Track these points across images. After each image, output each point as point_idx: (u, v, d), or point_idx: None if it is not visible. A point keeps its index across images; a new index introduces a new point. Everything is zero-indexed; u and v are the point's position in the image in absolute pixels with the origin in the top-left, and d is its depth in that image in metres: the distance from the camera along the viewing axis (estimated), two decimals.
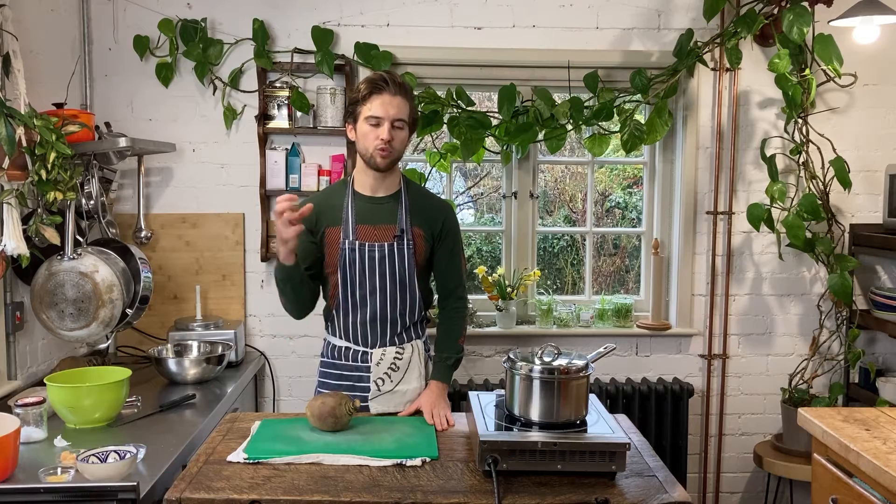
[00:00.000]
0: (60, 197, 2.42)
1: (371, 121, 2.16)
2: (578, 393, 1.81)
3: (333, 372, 2.33)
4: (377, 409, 2.26)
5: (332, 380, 2.33)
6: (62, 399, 2.18)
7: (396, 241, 2.24)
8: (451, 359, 2.30)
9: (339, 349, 2.32)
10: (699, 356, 3.46)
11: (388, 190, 2.28)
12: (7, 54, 2.39)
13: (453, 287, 2.37)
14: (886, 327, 3.18)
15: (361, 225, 2.24)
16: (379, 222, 2.25)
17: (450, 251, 2.34)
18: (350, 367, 2.30)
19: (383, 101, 2.16)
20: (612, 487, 1.69)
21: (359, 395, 2.25)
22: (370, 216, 2.25)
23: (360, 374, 2.29)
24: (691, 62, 3.18)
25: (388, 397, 2.28)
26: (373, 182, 2.26)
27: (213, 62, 3.20)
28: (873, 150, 3.39)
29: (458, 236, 2.38)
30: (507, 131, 3.18)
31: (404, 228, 2.25)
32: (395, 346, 2.29)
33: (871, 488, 1.79)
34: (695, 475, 3.50)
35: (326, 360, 2.36)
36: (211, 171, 3.29)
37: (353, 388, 2.27)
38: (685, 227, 3.38)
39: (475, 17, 3.27)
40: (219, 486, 1.66)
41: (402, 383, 2.28)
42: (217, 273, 3.31)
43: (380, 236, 2.24)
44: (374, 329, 2.27)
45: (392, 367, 2.28)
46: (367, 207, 2.26)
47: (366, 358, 2.28)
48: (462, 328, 2.36)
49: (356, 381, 2.29)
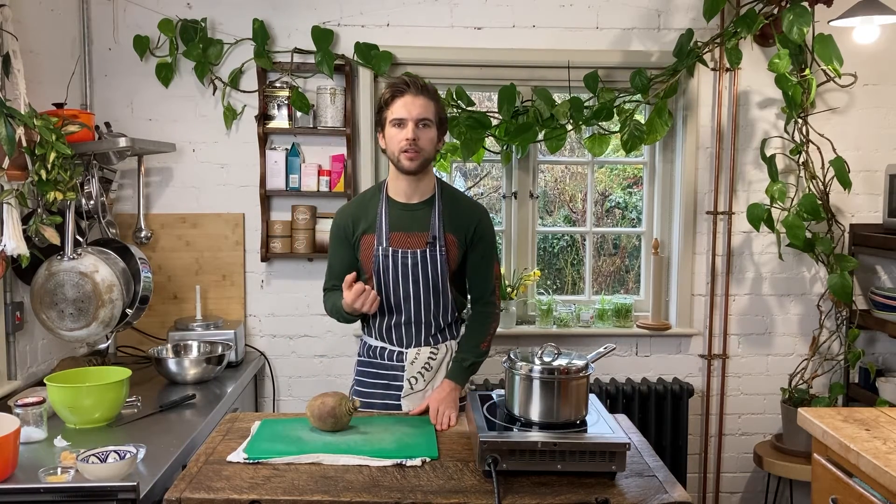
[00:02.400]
0: (60, 197, 2.42)
1: (395, 123, 2.17)
2: (578, 393, 1.81)
3: (371, 370, 2.35)
4: (408, 407, 2.28)
5: (370, 378, 2.35)
6: (62, 399, 2.18)
7: (429, 248, 2.24)
8: (467, 361, 2.29)
9: (376, 349, 2.34)
10: (699, 356, 3.46)
11: (422, 195, 2.27)
12: (7, 54, 2.39)
13: (483, 292, 2.35)
14: (886, 327, 3.18)
15: (395, 232, 2.25)
16: (412, 229, 2.26)
17: (481, 256, 2.32)
18: (386, 365, 2.33)
19: (405, 101, 2.16)
20: (612, 487, 1.69)
21: (393, 392, 2.29)
22: (403, 223, 2.26)
23: (396, 373, 2.31)
24: (691, 62, 3.18)
25: (419, 395, 2.29)
26: (406, 188, 2.26)
27: (213, 62, 3.20)
28: (873, 150, 3.39)
29: (491, 241, 2.35)
30: (507, 131, 3.18)
31: (436, 235, 2.25)
32: (430, 347, 2.31)
33: (871, 488, 1.79)
34: (695, 475, 3.50)
35: (364, 360, 2.38)
36: (211, 171, 3.29)
37: (388, 387, 2.31)
38: (685, 227, 3.38)
39: (475, 17, 3.27)
40: (219, 486, 1.66)
41: (433, 383, 2.31)
42: (217, 273, 3.31)
43: (413, 243, 2.25)
44: (409, 331, 2.30)
45: (426, 367, 2.30)
46: (401, 214, 2.27)
47: (401, 357, 2.31)
48: (486, 332, 2.33)
49: (391, 380, 2.32)
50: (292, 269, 3.34)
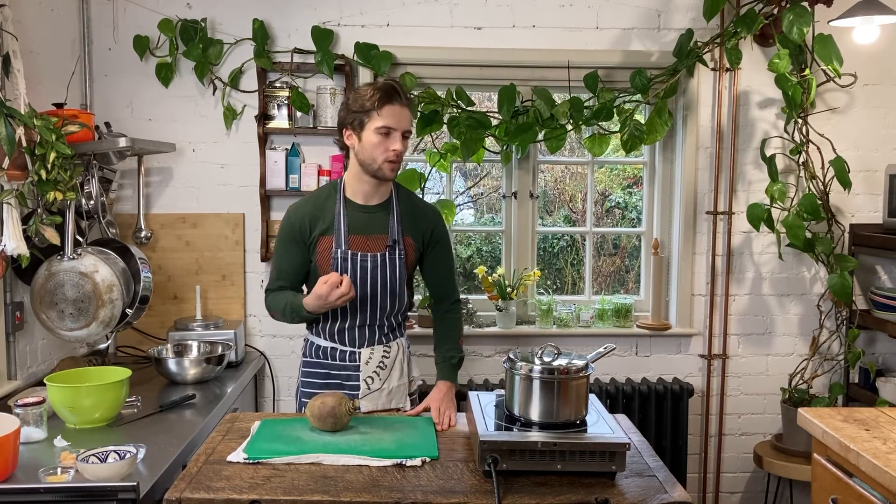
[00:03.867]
0: (60, 197, 2.41)
1: (382, 130, 2.13)
2: (578, 393, 1.81)
3: (319, 371, 2.32)
4: (367, 408, 2.26)
5: (318, 379, 2.31)
6: (62, 399, 2.17)
7: (388, 251, 2.24)
8: (454, 358, 2.32)
9: (325, 349, 2.31)
10: (699, 356, 3.46)
11: (381, 198, 2.27)
12: (7, 54, 2.39)
13: (448, 292, 2.40)
14: (886, 327, 3.18)
15: (354, 235, 2.23)
16: (371, 232, 2.24)
17: (442, 258, 2.36)
18: (337, 366, 2.30)
19: (394, 111, 2.13)
20: (612, 487, 1.69)
21: (347, 393, 2.25)
22: (362, 226, 2.24)
23: (349, 374, 2.29)
24: (691, 62, 3.18)
25: (376, 395, 2.28)
26: (367, 190, 2.24)
27: (213, 62, 3.20)
28: (873, 150, 3.39)
29: (448, 242, 2.39)
30: (507, 131, 3.18)
31: (396, 239, 2.25)
32: (383, 346, 2.30)
33: (871, 488, 1.79)
34: (695, 475, 3.50)
35: (310, 360, 2.34)
36: (211, 171, 3.29)
37: (340, 387, 2.27)
38: (685, 227, 3.38)
39: (475, 17, 3.27)
40: (219, 486, 1.66)
41: (388, 381, 2.30)
42: (217, 273, 3.31)
43: (372, 246, 2.23)
44: (363, 332, 2.28)
45: (380, 366, 2.29)
46: (359, 217, 2.24)
47: (353, 357, 2.28)
48: (461, 328, 2.39)
49: (344, 380, 2.29)
50: None
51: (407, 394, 2.36)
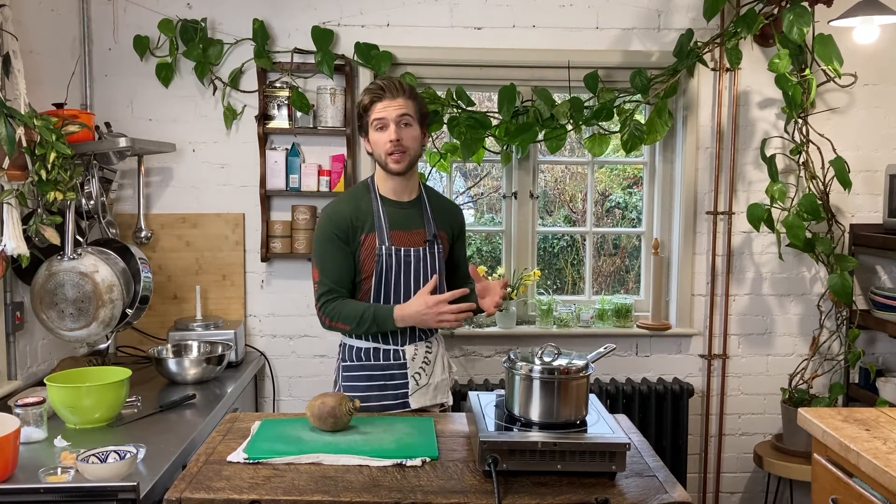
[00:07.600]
0: (60, 197, 2.42)
1: (377, 125, 2.21)
2: (578, 393, 1.81)
3: (362, 374, 2.29)
4: (417, 404, 2.29)
5: (362, 381, 2.29)
6: (62, 399, 2.17)
7: (428, 245, 2.29)
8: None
9: (366, 350, 2.30)
10: (699, 356, 3.46)
11: (411, 194, 2.33)
12: (7, 54, 2.39)
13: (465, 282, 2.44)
14: (886, 327, 3.18)
15: (395, 230, 2.26)
16: (410, 227, 2.29)
17: (462, 250, 2.50)
18: (380, 366, 2.29)
19: (384, 104, 2.20)
20: (612, 487, 1.69)
21: (391, 392, 2.27)
22: (401, 221, 2.28)
23: (392, 373, 2.29)
24: (691, 62, 3.18)
25: (424, 391, 2.31)
26: (396, 186, 2.29)
27: (213, 62, 3.20)
28: (873, 150, 3.39)
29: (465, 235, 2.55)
30: (507, 131, 3.18)
31: (434, 233, 2.31)
32: (424, 342, 2.34)
33: (871, 488, 1.79)
34: (695, 475, 3.50)
35: (351, 364, 2.31)
36: (211, 171, 3.29)
37: (385, 388, 2.28)
38: (685, 227, 3.38)
39: (475, 17, 3.27)
40: (219, 486, 1.66)
41: (432, 376, 2.33)
42: (217, 273, 3.31)
43: (413, 241, 2.28)
44: (405, 329, 2.29)
45: (425, 361, 2.32)
46: (396, 213, 2.28)
47: (397, 356, 2.29)
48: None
49: (388, 380, 2.28)
50: (292, 269, 3.34)
51: (449, 388, 2.40)
